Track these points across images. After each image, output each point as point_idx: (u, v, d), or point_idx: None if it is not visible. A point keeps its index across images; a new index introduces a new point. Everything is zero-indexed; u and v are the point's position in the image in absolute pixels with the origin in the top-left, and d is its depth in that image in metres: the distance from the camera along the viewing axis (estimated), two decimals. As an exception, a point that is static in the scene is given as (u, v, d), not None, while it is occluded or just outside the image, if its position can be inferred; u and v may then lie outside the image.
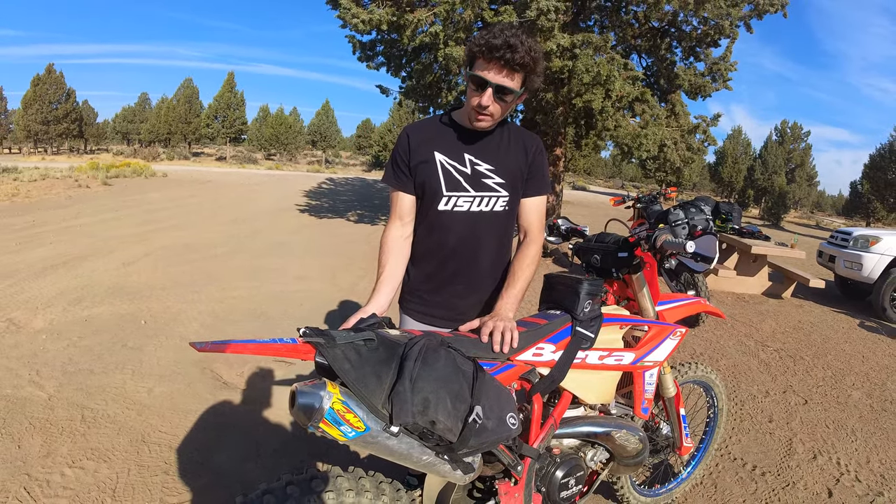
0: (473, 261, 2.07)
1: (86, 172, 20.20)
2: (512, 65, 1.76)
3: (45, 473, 2.73)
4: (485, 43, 1.76)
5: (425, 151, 1.98)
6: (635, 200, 7.74)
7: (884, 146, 37.00)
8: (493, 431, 1.40)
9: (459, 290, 2.10)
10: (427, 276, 2.10)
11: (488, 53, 1.76)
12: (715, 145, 11.52)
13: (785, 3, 9.79)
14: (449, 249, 2.04)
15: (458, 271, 2.07)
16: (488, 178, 2.00)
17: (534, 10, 8.11)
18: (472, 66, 1.83)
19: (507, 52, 1.74)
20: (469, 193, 1.99)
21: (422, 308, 2.13)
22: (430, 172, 1.97)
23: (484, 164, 1.99)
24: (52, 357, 4.12)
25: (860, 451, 3.65)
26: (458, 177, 1.98)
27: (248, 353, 1.26)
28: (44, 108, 48.50)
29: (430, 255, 2.08)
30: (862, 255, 8.01)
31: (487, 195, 2.00)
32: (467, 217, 2.01)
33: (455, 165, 1.98)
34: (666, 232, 2.04)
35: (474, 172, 1.99)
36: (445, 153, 1.98)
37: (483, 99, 1.82)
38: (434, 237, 2.04)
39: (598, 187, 56.26)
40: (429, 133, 2.02)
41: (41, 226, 9.90)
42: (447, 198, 1.98)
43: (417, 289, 2.13)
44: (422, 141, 2.00)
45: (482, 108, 1.85)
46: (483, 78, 1.79)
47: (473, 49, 1.81)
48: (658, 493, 2.82)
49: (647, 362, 2.11)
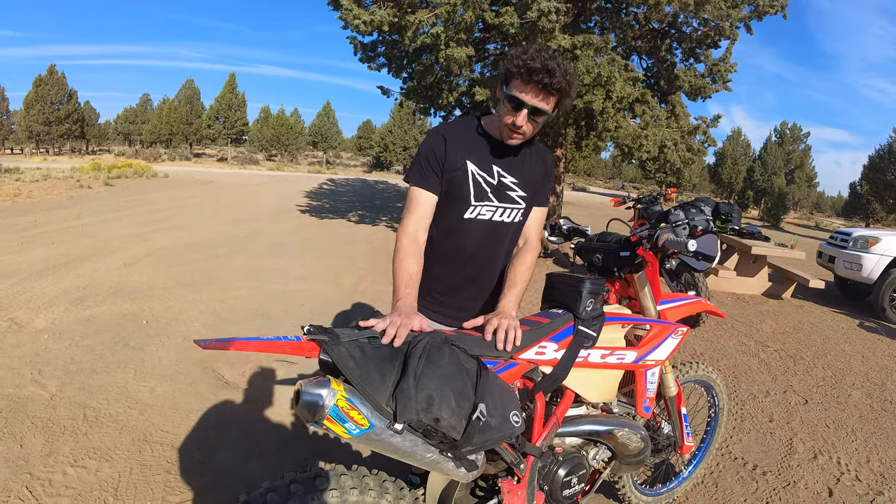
0: (489, 267, 2.12)
1: (87, 173, 20.20)
2: (549, 89, 1.79)
3: (47, 472, 2.73)
4: (523, 64, 1.78)
5: (459, 158, 2.00)
6: (636, 201, 7.76)
7: (883, 147, 37.02)
8: (497, 429, 1.41)
9: (473, 294, 2.15)
10: (442, 277, 2.13)
11: (527, 76, 1.78)
12: (715, 146, 11.53)
13: (785, 5, 9.80)
14: (466, 255, 2.08)
15: (474, 276, 2.12)
16: (512, 191, 2.05)
17: (535, 11, 8.11)
18: (508, 85, 1.85)
19: (546, 77, 1.76)
20: (493, 204, 2.04)
21: (436, 307, 2.15)
22: (461, 180, 2.00)
23: (509, 176, 2.05)
24: (54, 356, 4.12)
25: (860, 451, 3.65)
26: (486, 187, 2.02)
27: (252, 350, 1.26)
28: (46, 109, 48.49)
29: (447, 258, 2.10)
30: (861, 256, 8.02)
31: (509, 207, 2.06)
32: (488, 226, 2.05)
33: (484, 176, 2.02)
34: (668, 231, 2.05)
35: (500, 184, 2.04)
36: (476, 163, 2.01)
37: (518, 119, 1.86)
38: (452, 242, 2.07)
39: (599, 188, 56.27)
40: (463, 139, 2.04)
41: (43, 226, 9.91)
42: (474, 207, 2.02)
43: (432, 289, 2.14)
44: (457, 146, 2.01)
45: (516, 128, 1.89)
46: (520, 99, 1.82)
47: (511, 69, 1.82)
48: (659, 492, 2.83)
49: (648, 361, 2.12)
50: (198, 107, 57.62)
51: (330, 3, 10.17)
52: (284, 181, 27.29)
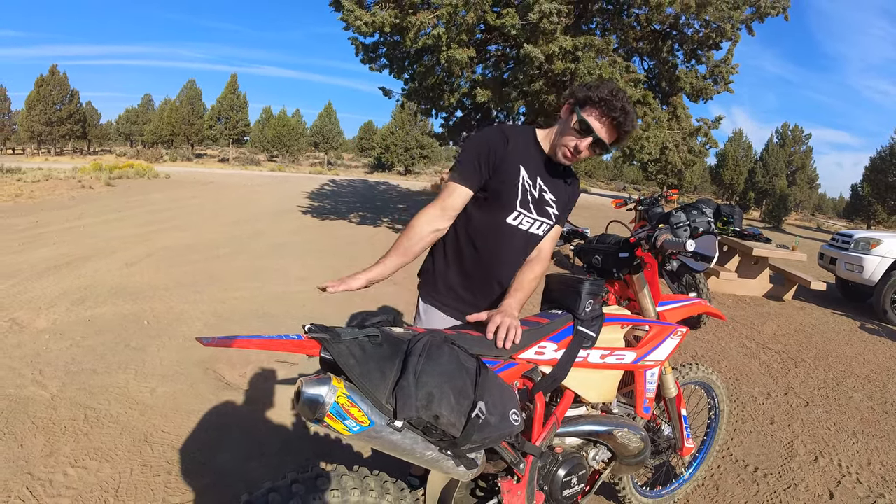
0: (513, 273, 2.14)
1: (89, 173, 20.22)
2: (620, 128, 1.95)
3: (47, 473, 2.74)
4: (606, 98, 1.90)
5: (515, 161, 2.04)
6: (637, 203, 7.76)
7: (884, 149, 36.97)
8: (496, 427, 1.42)
9: (493, 299, 2.16)
10: (468, 275, 2.16)
11: (606, 109, 1.91)
12: (716, 148, 11.54)
13: (786, 6, 9.82)
14: (500, 259, 2.13)
15: (500, 281, 2.16)
16: (550, 207, 2.13)
17: (536, 12, 8.13)
18: (584, 109, 1.95)
19: (622, 116, 1.91)
20: (532, 215, 2.10)
21: (454, 304, 2.18)
22: (512, 184, 2.04)
23: (550, 193, 2.12)
24: (55, 357, 4.13)
25: (861, 453, 3.65)
26: (529, 197, 2.08)
27: (253, 348, 1.27)
28: (47, 109, 48.52)
29: (478, 258, 2.13)
30: (863, 258, 8.01)
31: (544, 221, 2.14)
32: (524, 235, 2.12)
33: (530, 186, 2.07)
34: (666, 232, 2.05)
35: (541, 198, 2.11)
36: (527, 171, 2.06)
37: (581, 144, 1.97)
38: (491, 244, 2.11)
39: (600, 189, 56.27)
40: (523, 145, 2.09)
41: (44, 226, 9.92)
42: (518, 213, 2.08)
43: (454, 284, 2.17)
44: (517, 149, 2.05)
45: (577, 152, 2.00)
46: (592, 127, 1.94)
47: (594, 97, 1.92)
48: (660, 494, 2.83)
49: (648, 361, 2.12)
50: (199, 107, 57.63)
51: (332, 5, 10.20)
52: (286, 182, 27.31)
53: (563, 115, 2.03)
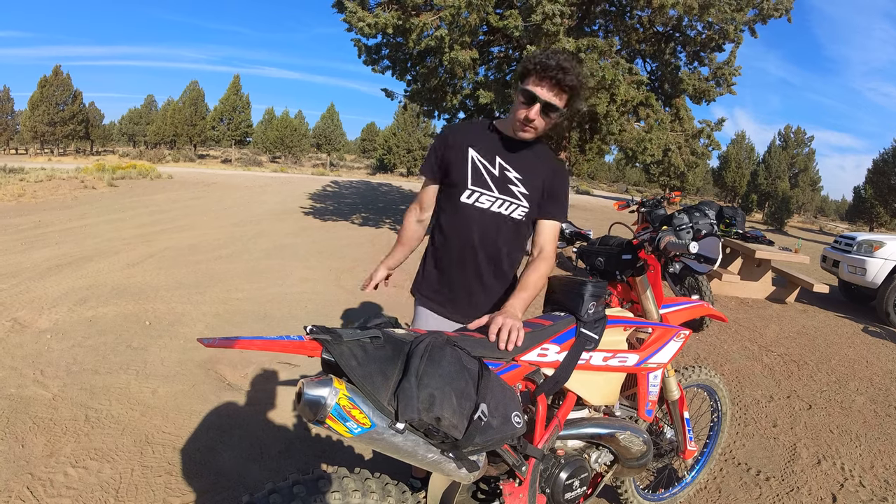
0: (491, 260, 2.17)
1: (92, 174, 20.21)
2: (562, 85, 1.91)
3: (48, 473, 2.74)
4: (539, 62, 1.91)
5: (460, 146, 2.13)
6: (639, 205, 7.73)
7: (887, 151, 36.93)
8: (498, 430, 1.41)
9: (471, 290, 2.20)
10: (442, 265, 2.22)
11: (542, 71, 1.90)
12: (719, 150, 11.53)
13: (789, 8, 9.81)
14: (467, 243, 2.14)
15: (477, 269, 2.17)
16: (514, 186, 2.11)
17: (539, 14, 8.13)
18: (524, 82, 1.96)
19: (560, 73, 1.89)
20: (492, 193, 2.10)
21: (434, 296, 2.24)
22: (459, 163, 2.11)
23: (514, 171, 2.11)
24: (56, 357, 4.13)
25: (864, 457, 3.64)
26: (485, 175, 2.10)
27: (255, 349, 1.27)
28: (50, 110, 48.60)
29: (447, 244, 2.19)
30: (866, 260, 7.99)
31: (509, 200, 2.11)
32: (487, 215, 2.11)
33: (485, 164, 2.10)
34: (669, 234, 2.05)
35: (502, 176, 2.10)
36: (479, 151, 2.11)
37: (531, 113, 1.96)
38: (454, 228, 2.16)
39: (602, 191, 56.25)
40: (468, 132, 2.17)
41: (47, 226, 9.94)
42: (470, 191, 2.10)
43: (432, 279, 2.25)
44: (459, 137, 2.15)
45: (528, 122, 1.99)
46: (534, 93, 1.93)
47: (528, 66, 1.94)
48: (662, 497, 2.82)
49: (650, 364, 2.12)
50: (202, 108, 57.64)
51: (334, 6, 10.21)
52: (288, 183, 27.32)
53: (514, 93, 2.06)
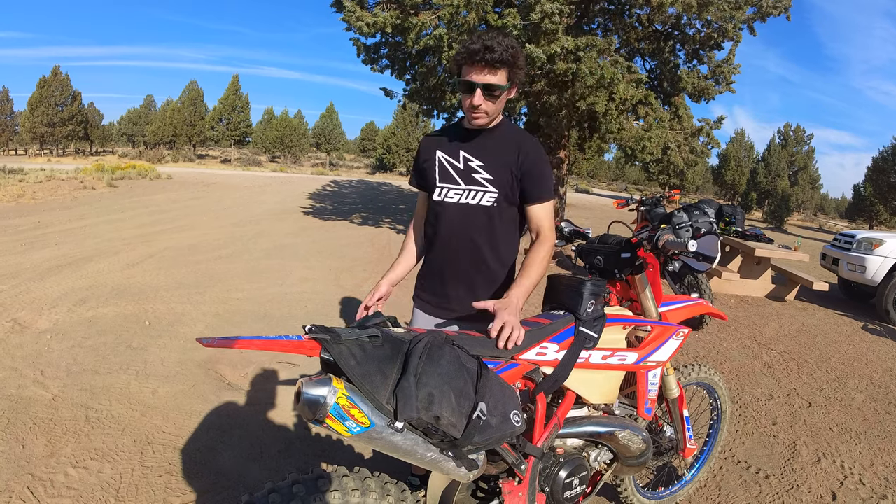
0: (468, 254, 2.18)
1: (91, 174, 20.21)
2: (493, 63, 1.91)
3: (48, 473, 2.74)
4: (466, 50, 1.94)
5: (431, 152, 2.21)
6: (639, 203, 7.73)
7: (886, 149, 36.92)
8: (497, 428, 1.41)
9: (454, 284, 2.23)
10: (433, 266, 2.28)
11: (470, 59, 1.94)
12: (718, 148, 11.52)
13: (788, 6, 9.80)
14: (444, 238, 2.19)
15: (452, 262, 2.21)
16: (477, 174, 2.13)
17: (538, 12, 8.13)
18: (460, 74, 2.02)
19: (487, 54, 1.90)
20: (459, 186, 2.15)
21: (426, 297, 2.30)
22: (430, 167, 2.20)
23: (476, 160, 2.13)
24: (56, 357, 4.13)
25: (864, 455, 3.64)
26: (451, 170, 2.16)
27: (254, 348, 1.27)
28: (50, 110, 48.60)
29: (432, 245, 2.26)
30: (865, 258, 8.00)
31: (475, 189, 2.13)
32: (457, 208, 2.15)
33: (450, 160, 2.16)
34: (668, 232, 2.05)
35: (466, 168, 2.14)
36: (445, 151, 2.18)
37: (474, 99, 1.98)
38: (435, 227, 2.22)
39: (602, 190, 56.25)
40: (438, 137, 2.25)
41: (46, 227, 9.94)
42: (439, 188, 2.18)
43: (425, 280, 2.31)
44: (430, 144, 2.24)
45: (475, 108, 2.00)
46: (470, 81, 1.96)
47: (458, 58, 2.00)
48: (662, 495, 2.82)
49: (650, 362, 2.12)
50: (201, 108, 57.61)
51: (333, 5, 10.21)
52: (287, 183, 27.32)
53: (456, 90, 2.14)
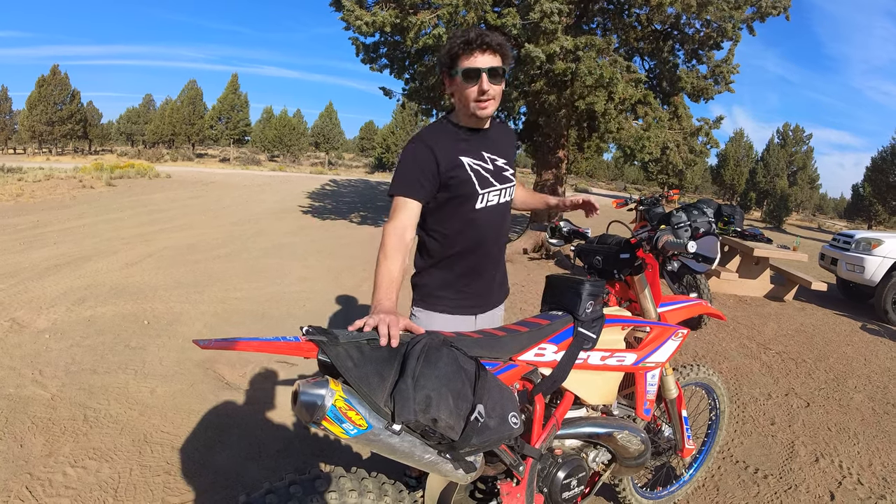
0: (503, 245, 2.29)
1: (90, 173, 20.21)
2: (491, 46, 1.93)
3: (47, 473, 2.74)
4: (461, 41, 1.93)
5: (453, 158, 2.04)
6: (637, 203, 7.73)
7: (885, 149, 36.86)
8: (495, 430, 1.41)
9: (492, 276, 2.27)
10: (465, 270, 2.18)
11: (468, 47, 1.92)
12: (717, 147, 11.52)
13: (787, 6, 9.79)
14: (489, 242, 2.18)
15: (492, 260, 2.24)
16: (505, 171, 2.18)
17: (537, 12, 8.12)
18: (457, 66, 1.96)
19: (484, 38, 1.92)
20: (497, 187, 2.13)
21: (459, 301, 2.19)
22: (463, 177, 2.05)
23: (500, 158, 2.16)
24: (55, 357, 4.13)
25: (862, 454, 3.64)
26: (486, 174, 2.10)
27: (251, 350, 1.27)
28: (48, 109, 48.56)
29: (467, 252, 2.15)
30: (864, 258, 8.00)
31: (507, 186, 2.18)
32: (497, 209, 2.16)
33: (480, 164, 2.09)
34: (667, 233, 2.05)
35: (495, 168, 2.14)
36: (469, 156, 2.07)
37: (483, 84, 1.94)
38: (471, 234, 2.13)
39: (601, 190, 56.25)
40: (448, 141, 2.07)
41: (45, 226, 9.93)
42: (481, 196, 2.09)
43: (453, 285, 2.18)
44: (446, 149, 2.04)
45: (483, 94, 1.96)
46: (475, 67, 1.93)
47: (452, 51, 1.96)
48: (660, 495, 2.82)
49: (648, 363, 2.12)
50: (200, 107, 57.59)
51: (332, 4, 10.20)
52: (286, 182, 27.32)
53: (449, 87, 2.07)
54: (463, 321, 2.21)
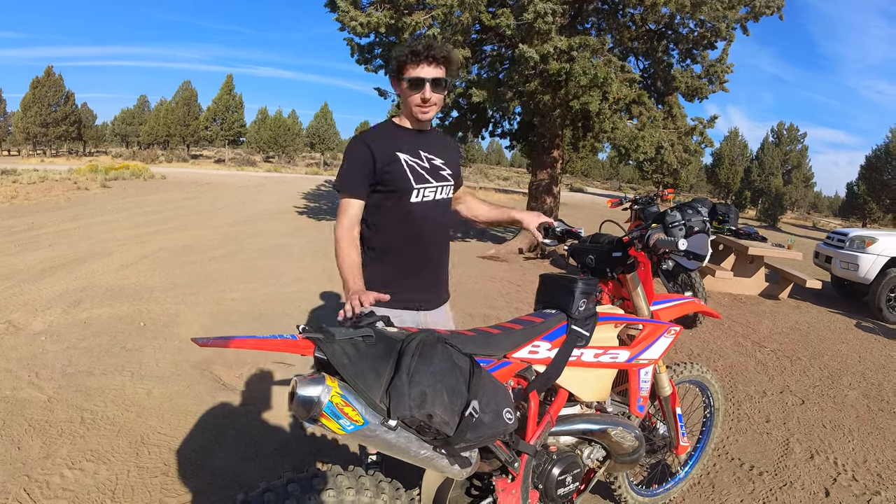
0: (443, 243, 2.41)
1: (85, 175, 20.16)
2: (437, 59, 2.11)
3: (44, 475, 2.74)
4: (409, 52, 2.10)
5: (389, 154, 2.19)
6: (632, 202, 7.76)
7: (880, 147, 37.07)
8: (490, 426, 1.43)
9: (430, 273, 2.37)
10: (405, 265, 2.30)
11: (415, 58, 2.09)
12: (712, 147, 11.57)
13: (781, 6, 9.84)
14: (425, 236, 2.30)
15: (435, 255, 2.37)
16: (442, 171, 2.32)
17: (531, 12, 8.14)
18: (403, 74, 2.13)
19: (430, 51, 2.09)
20: (432, 184, 2.28)
21: (401, 295, 2.23)
22: (398, 171, 2.20)
23: (437, 158, 2.31)
24: (51, 359, 4.13)
25: (857, 451, 3.67)
26: (422, 171, 2.25)
27: (248, 348, 1.29)
28: (43, 111, 48.40)
29: (406, 246, 2.28)
30: (858, 256, 8.04)
31: (444, 184, 2.32)
32: (434, 205, 2.29)
33: (416, 161, 2.24)
34: (658, 231, 2.06)
35: (432, 166, 2.28)
36: (406, 152, 2.23)
37: (426, 93, 2.13)
38: (409, 228, 2.26)
39: (596, 189, 56.34)
40: (387, 139, 2.24)
41: (40, 228, 9.91)
42: (416, 190, 2.23)
43: (393, 279, 2.25)
44: (383, 146, 2.20)
45: (426, 102, 2.16)
46: (420, 77, 2.10)
47: (400, 60, 2.13)
48: (656, 493, 2.84)
49: (641, 360, 2.13)
50: (195, 108, 57.48)
51: (327, 5, 10.20)
52: (282, 182, 27.30)
53: (396, 89, 2.23)
54: (408, 316, 2.29)
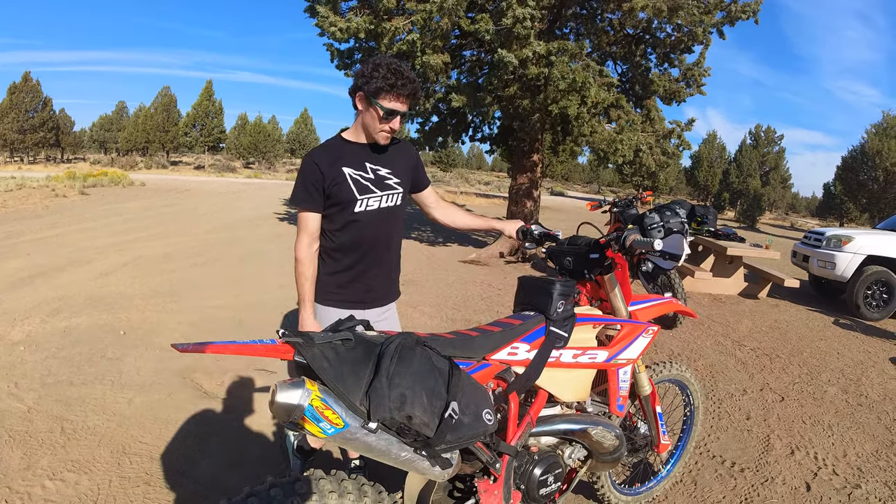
0: (387, 248, 2.51)
1: (63, 182, 19.95)
2: (412, 96, 2.27)
3: (25, 486, 2.71)
4: (389, 83, 2.16)
5: (335, 171, 2.33)
6: (611, 205, 7.81)
7: (856, 148, 37.63)
8: (470, 427, 1.44)
9: (376, 274, 2.49)
10: (346, 267, 2.44)
11: (392, 90, 2.18)
12: (690, 149, 11.71)
13: (756, 10, 9.97)
14: (368, 242, 2.42)
15: (377, 259, 2.47)
16: (388, 180, 2.43)
17: (510, 18, 8.19)
18: (379, 98, 2.20)
19: (409, 86, 2.21)
20: (376, 194, 2.39)
21: (342, 295, 2.46)
22: (343, 186, 2.33)
23: (383, 169, 2.43)
24: (30, 369, 4.08)
25: (837, 446, 3.73)
26: (366, 183, 2.37)
27: (229, 353, 1.29)
28: (20, 117, 47.75)
29: (348, 250, 2.42)
30: (835, 255, 8.16)
31: (389, 193, 2.43)
32: (379, 213, 2.41)
33: (361, 174, 2.37)
34: (634, 232, 2.09)
35: (377, 177, 2.40)
36: (351, 167, 2.35)
37: (394, 124, 2.28)
38: (352, 234, 2.40)
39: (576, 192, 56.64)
40: (333, 155, 2.36)
41: (17, 236, 9.77)
42: (360, 201, 2.35)
43: (334, 280, 2.46)
44: (329, 163, 2.33)
45: (392, 131, 2.33)
46: (395, 110, 2.23)
47: (380, 84, 2.17)
48: (638, 491, 2.87)
49: (620, 360, 2.16)
50: (174, 114, 57.02)
51: (307, 11, 10.19)
52: (262, 189, 27.15)
53: (360, 106, 2.30)
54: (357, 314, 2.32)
